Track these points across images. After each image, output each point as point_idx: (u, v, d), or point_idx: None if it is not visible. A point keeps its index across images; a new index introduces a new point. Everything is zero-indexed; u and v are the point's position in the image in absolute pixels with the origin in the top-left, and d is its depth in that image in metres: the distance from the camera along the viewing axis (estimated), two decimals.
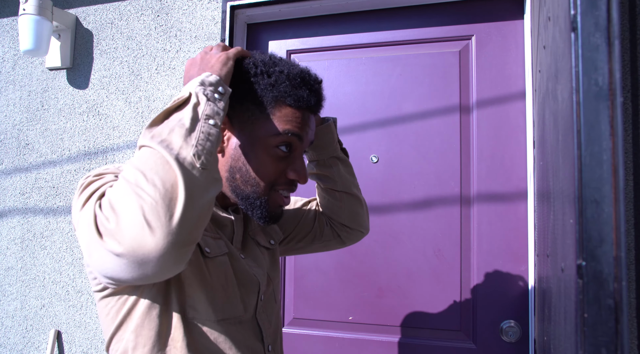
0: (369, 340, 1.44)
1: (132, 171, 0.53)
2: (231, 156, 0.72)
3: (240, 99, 0.72)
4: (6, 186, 1.78)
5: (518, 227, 1.36)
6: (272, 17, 1.61)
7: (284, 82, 0.71)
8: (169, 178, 0.52)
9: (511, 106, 1.40)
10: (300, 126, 0.72)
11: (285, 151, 0.72)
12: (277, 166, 0.72)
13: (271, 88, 0.71)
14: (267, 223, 0.75)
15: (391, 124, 1.49)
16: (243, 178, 0.72)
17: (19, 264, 1.73)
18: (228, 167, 0.73)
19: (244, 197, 0.73)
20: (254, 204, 0.73)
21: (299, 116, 0.72)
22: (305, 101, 0.72)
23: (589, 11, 0.53)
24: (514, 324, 1.33)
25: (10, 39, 1.84)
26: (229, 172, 0.73)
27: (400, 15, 1.52)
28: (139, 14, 1.69)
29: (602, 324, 0.49)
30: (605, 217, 0.50)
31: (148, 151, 0.55)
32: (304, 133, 0.73)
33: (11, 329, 1.73)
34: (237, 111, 0.72)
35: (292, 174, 0.74)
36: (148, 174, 0.52)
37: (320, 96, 0.77)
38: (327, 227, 1.01)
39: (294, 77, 0.72)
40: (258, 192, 0.72)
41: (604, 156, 0.51)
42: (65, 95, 1.74)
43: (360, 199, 1.01)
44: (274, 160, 0.72)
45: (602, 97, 0.51)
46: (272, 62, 0.73)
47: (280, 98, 0.71)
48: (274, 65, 0.73)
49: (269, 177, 0.72)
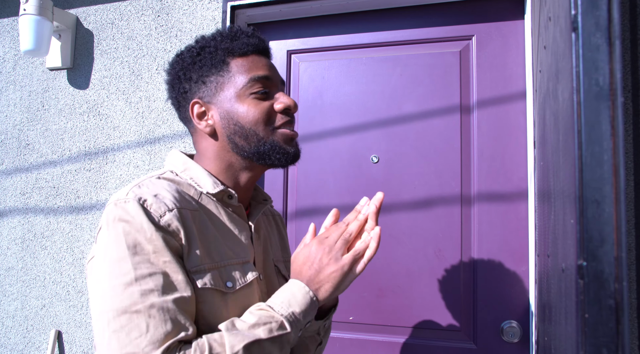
0: (369, 340, 1.44)
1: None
2: (222, 127, 0.76)
3: (200, 79, 0.77)
4: (7, 186, 1.78)
5: (518, 227, 1.36)
6: (273, 17, 1.62)
7: (222, 42, 0.77)
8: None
9: (512, 106, 1.40)
10: (260, 67, 0.76)
11: (262, 94, 0.75)
12: (262, 106, 0.75)
13: (215, 53, 0.76)
14: (292, 161, 0.78)
15: (392, 124, 1.49)
16: (242, 136, 0.75)
17: (19, 264, 1.74)
18: (226, 139, 0.76)
19: (255, 152, 0.75)
20: (267, 151, 0.75)
21: (252, 60, 0.77)
22: (248, 45, 0.77)
23: (589, 11, 0.53)
24: (515, 324, 1.33)
25: (11, 39, 1.85)
26: (229, 142, 0.76)
27: (401, 16, 1.52)
28: (140, 14, 1.69)
29: (603, 325, 0.49)
30: (606, 218, 0.50)
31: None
32: (268, 72, 0.77)
33: (12, 330, 1.73)
34: (203, 91, 0.77)
35: (279, 104, 0.77)
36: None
37: (259, 37, 0.80)
38: None
39: (228, 33, 0.78)
40: (263, 138, 0.75)
41: (605, 156, 0.51)
42: (66, 95, 1.74)
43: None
44: (256, 104, 0.75)
45: (603, 97, 0.51)
46: (202, 37, 0.80)
47: (227, 56, 0.76)
48: (205, 37, 0.79)
49: (261, 118, 0.75)
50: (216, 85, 0.76)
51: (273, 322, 0.65)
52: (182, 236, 0.66)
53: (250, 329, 0.63)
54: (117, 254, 0.61)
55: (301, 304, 0.68)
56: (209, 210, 0.74)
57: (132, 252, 0.61)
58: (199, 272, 0.66)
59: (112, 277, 0.60)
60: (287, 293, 0.70)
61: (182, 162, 0.79)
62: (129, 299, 0.58)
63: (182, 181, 0.75)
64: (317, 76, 1.57)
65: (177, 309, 0.60)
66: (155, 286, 0.60)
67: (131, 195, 0.65)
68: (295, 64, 1.61)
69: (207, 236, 0.70)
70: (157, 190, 0.68)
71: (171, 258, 0.63)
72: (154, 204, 0.65)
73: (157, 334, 0.57)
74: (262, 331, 0.63)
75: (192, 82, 0.77)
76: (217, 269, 0.69)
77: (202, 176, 0.76)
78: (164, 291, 0.60)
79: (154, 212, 0.64)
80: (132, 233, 0.62)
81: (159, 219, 0.64)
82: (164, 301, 0.60)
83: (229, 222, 0.76)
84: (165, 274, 0.61)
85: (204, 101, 0.76)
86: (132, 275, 0.59)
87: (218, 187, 0.75)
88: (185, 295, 0.62)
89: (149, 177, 0.73)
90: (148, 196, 0.66)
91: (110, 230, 0.63)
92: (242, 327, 0.64)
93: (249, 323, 0.64)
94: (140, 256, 0.61)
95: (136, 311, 0.58)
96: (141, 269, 0.60)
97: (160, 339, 0.58)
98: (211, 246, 0.70)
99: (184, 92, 0.78)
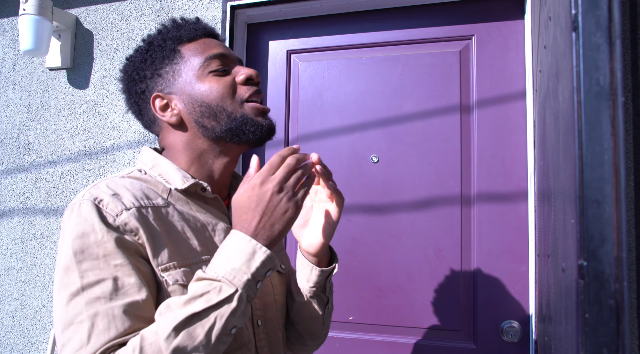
0: (369, 340, 1.44)
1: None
2: (188, 112, 0.73)
3: (155, 73, 0.75)
4: (6, 186, 1.78)
5: (519, 227, 1.36)
6: (273, 17, 1.61)
7: (168, 32, 0.76)
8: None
9: (512, 105, 1.40)
10: (213, 47, 0.75)
11: (221, 71, 0.74)
12: (224, 81, 0.73)
13: (164, 45, 0.75)
14: (267, 134, 0.75)
15: (392, 124, 1.49)
16: (211, 116, 0.72)
17: (19, 264, 1.73)
18: (194, 125, 0.74)
19: (227, 129, 0.72)
20: (239, 125, 0.72)
21: (203, 42, 0.75)
22: (196, 29, 0.76)
23: (590, 11, 0.53)
24: (515, 324, 1.32)
25: (11, 39, 1.84)
26: (198, 126, 0.73)
27: (401, 15, 1.52)
28: (139, 14, 1.69)
29: (604, 325, 0.49)
30: (606, 217, 0.50)
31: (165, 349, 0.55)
32: (222, 50, 0.75)
33: (11, 330, 1.73)
34: (160, 83, 0.75)
35: (241, 75, 0.75)
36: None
37: (203, 22, 0.80)
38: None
39: (172, 26, 0.77)
40: (232, 113, 0.72)
41: (605, 156, 0.51)
42: (66, 95, 1.74)
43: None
44: (217, 80, 0.73)
45: (604, 97, 0.51)
46: (147, 35, 0.79)
47: (177, 44, 0.75)
48: (150, 34, 0.79)
49: (226, 92, 0.73)
50: (172, 74, 0.74)
51: (211, 290, 0.58)
52: (143, 235, 0.63)
53: (185, 306, 0.57)
54: (66, 262, 0.60)
55: (242, 256, 0.60)
56: (180, 206, 0.71)
57: (80, 259, 0.59)
58: (169, 269, 0.64)
59: (61, 287, 0.59)
60: (224, 250, 0.62)
61: (150, 158, 0.76)
62: (74, 310, 0.58)
63: (149, 178, 0.73)
64: (317, 76, 1.57)
65: (125, 315, 0.58)
66: (102, 293, 0.58)
67: (87, 196, 0.63)
68: (295, 63, 1.61)
69: (177, 233, 0.68)
70: (116, 189, 0.66)
71: (124, 261, 0.60)
72: (110, 203, 0.63)
73: (98, 343, 0.56)
74: (198, 304, 0.57)
75: (147, 79, 0.75)
76: (189, 266, 0.67)
77: (170, 171, 0.73)
78: (111, 297, 0.58)
79: (110, 211, 0.62)
80: (82, 238, 0.60)
81: (114, 219, 0.62)
82: (110, 307, 0.58)
83: (203, 218, 0.73)
84: (115, 278, 0.59)
85: (164, 93, 0.74)
86: (78, 284, 0.58)
87: (188, 181, 0.71)
88: (137, 299, 0.60)
89: (112, 177, 0.71)
90: (105, 195, 0.64)
91: (63, 236, 0.62)
92: (177, 305, 0.58)
93: (185, 298, 0.58)
94: (89, 262, 0.59)
95: (80, 322, 0.57)
96: (88, 277, 0.59)
97: (100, 346, 0.56)
98: (181, 243, 0.67)
99: (141, 92, 0.76)
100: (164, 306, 0.59)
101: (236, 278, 0.58)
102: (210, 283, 0.58)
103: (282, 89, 1.61)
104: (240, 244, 0.61)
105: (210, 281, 0.59)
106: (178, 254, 0.66)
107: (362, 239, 1.46)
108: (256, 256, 0.60)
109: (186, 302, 0.57)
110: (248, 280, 0.59)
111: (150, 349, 0.54)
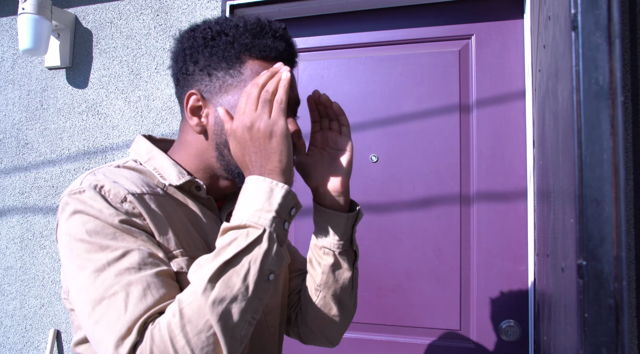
0: (369, 340, 1.44)
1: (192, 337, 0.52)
2: (214, 132, 0.67)
3: (206, 69, 0.67)
4: (5, 185, 1.78)
5: (518, 226, 1.36)
6: (272, 17, 1.61)
7: (243, 35, 0.65)
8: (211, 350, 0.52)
9: (511, 105, 1.40)
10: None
11: None
12: None
13: (231, 46, 0.65)
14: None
15: (391, 124, 1.49)
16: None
17: (18, 263, 1.73)
18: (214, 146, 0.68)
19: (238, 174, 0.68)
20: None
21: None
22: (272, 48, 0.66)
23: (589, 10, 0.53)
24: (514, 323, 1.33)
25: (10, 38, 1.84)
26: (216, 150, 0.68)
27: (400, 15, 1.52)
28: (139, 14, 1.68)
29: (603, 324, 0.49)
30: (605, 217, 0.50)
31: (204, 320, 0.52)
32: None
33: (10, 329, 1.73)
34: (206, 83, 0.67)
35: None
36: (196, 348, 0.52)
37: (288, 41, 0.70)
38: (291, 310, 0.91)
39: (252, 26, 0.66)
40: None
41: (605, 155, 0.50)
42: (65, 94, 1.74)
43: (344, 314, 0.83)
44: None
45: (603, 96, 0.51)
46: (224, 19, 0.68)
47: (244, 53, 0.66)
48: (228, 21, 0.68)
49: None
50: (222, 83, 0.66)
51: (239, 237, 0.55)
52: (149, 221, 0.60)
53: (215, 258, 0.55)
54: (79, 246, 0.56)
55: (261, 196, 0.58)
56: (177, 198, 0.68)
57: (96, 239, 0.56)
58: (174, 257, 0.62)
59: (80, 270, 0.55)
60: (243, 196, 0.60)
61: (146, 150, 0.71)
62: (103, 284, 0.54)
63: (145, 170, 0.69)
64: (317, 75, 1.57)
65: (159, 282, 0.55)
66: (130, 264, 0.55)
67: (85, 183, 0.59)
68: None
69: (177, 223, 0.64)
70: (114, 177, 0.62)
71: (143, 236, 0.58)
72: (112, 189, 0.59)
73: (137, 311, 0.52)
74: (228, 251, 0.55)
75: (197, 67, 0.67)
76: (190, 257, 0.64)
77: (166, 166, 0.69)
78: (140, 267, 0.55)
79: (114, 197, 0.59)
80: (92, 221, 0.56)
81: (120, 204, 0.58)
82: (143, 276, 0.55)
83: (198, 214, 0.70)
84: (139, 250, 0.56)
85: (202, 96, 0.67)
86: (103, 260, 0.55)
87: (184, 177, 0.68)
88: (164, 268, 0.57)
89: (106, 166, 0.66)
90: (105, 182, 0.60)
91: (69, 224, 0.58)
92: (207, 260, 0.56)
93: (215, 252, 0.56)
94: (107, 240, 0.56)
95: (113, 294, 0.53)
96: (112, 252, 0.55)
97: (140, 314, 0.53)
98: (181, 234, 0.64)
99: (185, 73, 0.69)
100: (195, 265, 0.57)
101: (261, 218, 0.56)
102: (236, 231, 0.57)
103: None
104: (255, 186, 0.59)
105: (236, 229, 0.57)
106: (179, 244, 0.64)
107: (361, 239, 1.46)
108: (275, 192, 0.58)
109: (216, 254, 0.55)
110: (273, 218, 0.57)
111: (190, 309, 0.52)
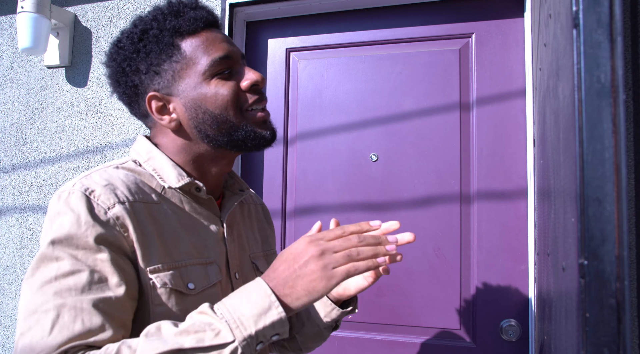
0: (369, 339, 1.44)
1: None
2: (189, 118, 0.68)
3: (151, 69, 0.68)
4: (5, 184, 1.77)
5: (518, 225, 1.36)
6: (272, 15, 1.61)
7: (165, 21, 0.67)
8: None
9: (511, 103, 1.40)
10: (218, 46, 0.68)
11: (226, 73, 0.68)
12: (229, 87, 0.68)
13: (161, 37, 0.67)
14: (267, 143, 0.72)
15: (391, 122, 1.48)
16: (214, 125, 0.68)
17: (17, 263, 1.73)
18: (194, 131, 0.69)
19: (228, 141, 0.69)
20: (241, 138, 0.70)
21: (205, 38, 0.68)
22: (197, 19, 0.68)
23: (591, 8, 0.52)
24: (514, 323, 1.32)
25: (9, 36, 1.84)
26: (199, 133, 0.69)
27: (401, 13, 1.51)
28: (138, 12, 1.68)
29: (604, 324, 0.49)
30: (607, 216, 0.50)
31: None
32: (228, 50, 0.69)
33: (10, 328, 1.72)
34: (158, 81, 0.68)
35: (246, 81, 0.70)
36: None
37: (206, 8, 0.72)
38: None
39: (169, 10, 0.68)
40: (235, 124, 0.69)
41: (606, 154, 0.50)
42: (64, 93, 1.74)
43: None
44: (222, 85, 0.68)
45: (605, 95, 0.51)
46: (138, 19, 0.70)
47: (176, 37, 0.67)
48: (144, 18, 0.69)
49: (231, 101, 0.68)
50: (173, 74, 0.67)
51: (208, 330, 0.52)
52: (132, 233, 0.60)
53: (176, 337, 0.52)
54: (43, 250, 0.56)
55: (255, 307, 0.54)
56: (174, 204, 0.68)
57: (58, 248, 0.56)
58: (157, 271, 0.61)
59: (33, 275, 0.56)
60: (241, 293, 0.56)
61: (146, 150, 0.71)
62: (41, 298, 0.53)
63: (144, 171, 0.69)
64: (316, 74, 1.57)
65: (95, 311, 0.54)
66: (74, 285, 0.54)
67: (77, 186, 0.60)
68: (294, 62, 1.60)
69: (168, 233, 0.65)
70: (110, 180, 0.62)
71: (105, 256, 0.57)
72: (102, 195, 0.59)
73: (60, 337, 0.51)
74: (189, 339, 0.51)
75: (142, 73, 0.68)
76: (178, 268, 0.64)
77: (166, 168, 0.69)
78: (83, 290, 0.54)
79: (101, 204, 0.59)
80: (65, 228, 0.56)
81: (105, 212, 0.58)
82: (79, 300, 0.53)
83: (196, 217, 0.70)
84: (91, 272, 0.55)
85: (162, 94, 0.68)
86: (52, 273, 0.55)
87: (183, 179, 0.68)
88: (110, 295, 0.56)
89: (105, 166, 0.67)
90: (97, 186, 0.60)
91: (49, 225, 0.59)
92: (168, 333, 0.52)
93: (179, 329, 0.53)
94: (67, 252, 0.56)
95: (45, 311, 0.53)
96: (64, 267, 0.55)
97: (63, 342, 0.51)
98: (171, 244, 0.64)
99: (133, 86, 0.69)
100: (154, 327, 0.54)
101: (239, 328, 0.53)
102: (211, 322, 0.53)
103: (282, 88, 1.60)
104: (258, 294, 0.55)
105: (212, 320, 0.53)
106: (167, 256, 0.63)
107: None
108: (269, 313, 0.54)
109: (177, 333, 0.52)
110: (250, 336, 0.53)
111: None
